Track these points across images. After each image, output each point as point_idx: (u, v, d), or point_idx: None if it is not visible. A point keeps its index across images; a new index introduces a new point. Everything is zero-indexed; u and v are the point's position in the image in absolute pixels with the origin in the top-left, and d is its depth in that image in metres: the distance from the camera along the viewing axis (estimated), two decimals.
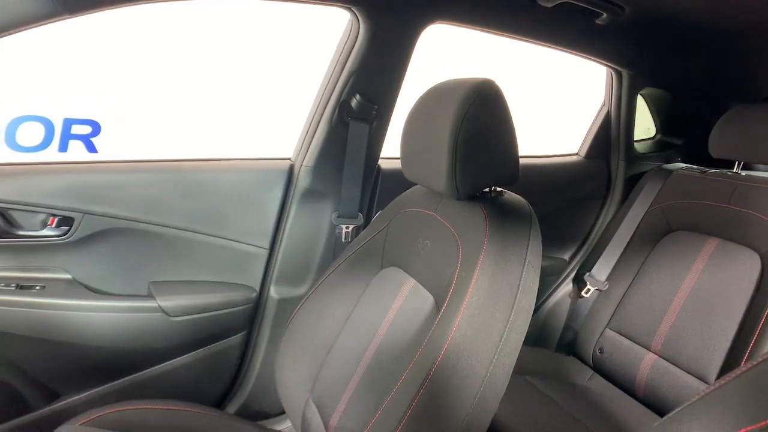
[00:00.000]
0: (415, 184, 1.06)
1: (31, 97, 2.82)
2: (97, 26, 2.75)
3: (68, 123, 2.97)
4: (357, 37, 1.13)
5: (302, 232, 1.28)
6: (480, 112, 0.80)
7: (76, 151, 3.01)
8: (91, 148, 3.04)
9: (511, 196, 0.91)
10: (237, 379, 1.31)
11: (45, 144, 2.90)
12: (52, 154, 2.88)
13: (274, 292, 1.28)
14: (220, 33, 3.17)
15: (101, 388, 1.18)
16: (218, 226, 1.23)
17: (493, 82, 0.84)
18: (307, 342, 1.06)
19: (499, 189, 0.91)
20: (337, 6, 1.08)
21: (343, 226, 1.28)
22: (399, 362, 0.86)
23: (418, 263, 0.94)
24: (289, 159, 1.30)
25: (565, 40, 1.40)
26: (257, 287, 1.28)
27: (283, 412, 1.33)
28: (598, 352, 1.42)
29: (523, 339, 0.78)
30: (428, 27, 1.16)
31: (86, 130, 3.01)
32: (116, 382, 1.19)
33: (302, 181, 1.25)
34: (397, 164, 1.37)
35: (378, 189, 1.35)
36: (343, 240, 1.28)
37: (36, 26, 0.91)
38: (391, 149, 1.34)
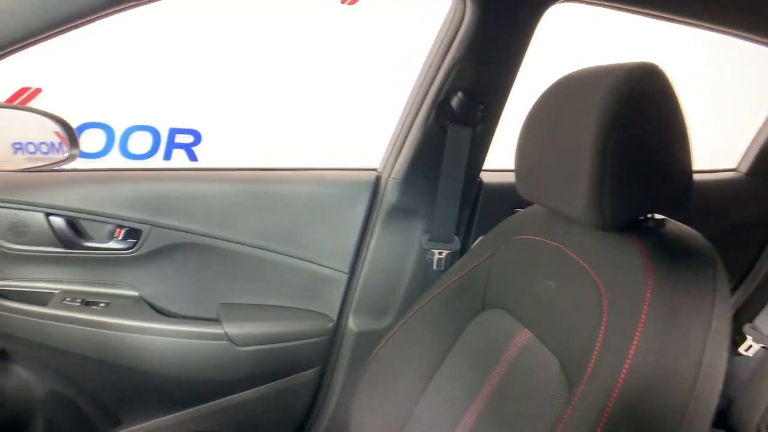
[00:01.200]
0: (529, 204, 0.83)
1: (141, 105, 2.95)
2: (193, 36, 2.80)
3: (173, 132, 3.09)
4: (462, 23, 0.92)
5: (387, 255, 1.09)
6: (639, 109, 0.57)
7: (179, 160, 3.11)
8: (192, 157, 3.13)
9: (678, 227, 0.65)
10: (307, 421, 1.15)
11: (152, 152, 3.04)
12: (157, 161, 3.00)
13: (353, 323, 1.11)
14: (311, 33, 3.11)
15: (163, 419, 1.08)
16: (294, 244, 1.08)
17: (656, 66, 0.59)
18: (389, 388, 0.88)
19: (658, 216, 0.65)
20: None
21: (436, 251, 1.07)
22: None
23: (536, 310, 0.71)
24: (376, 170, 1.12)
25: (741, 19, 1.07)
26: (334, 317, 1.11)
27: None
28: (764, 430, 1.09)
29: None
30: (551, 7, 0.92)
31: (188, 139, 3.11)
32: (178, 413, 1.08)
33: (389, 195, 1.06)
34: (503, 178, 1.15)
35: (479, 208, 1.13)
36: (434, 268, 1.08)
37: (106, 15, 0.82)
38: (496, 159, 1.12)
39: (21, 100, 2.61)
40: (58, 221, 0.96)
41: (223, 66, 2.99)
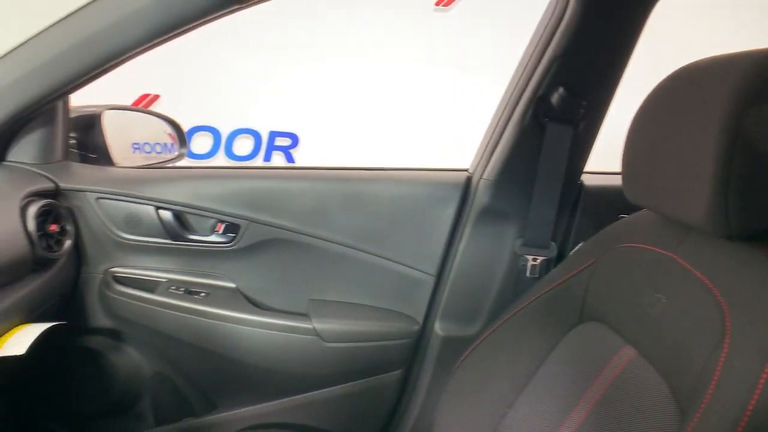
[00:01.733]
0: (639, 209, 0.75)
1: (245, 109, 3.13)
2: (291, 40, 2.90)
3: (273, 135, 3.24)
4: (564, 14, 0.86)
5: (477, 259, 1.05)
6: None
7: (277, 162, 3.25)
8: (290, 159, 3.26)
9: None
10: (391, 423, 1.14)
11: (253, 154, 3.21)
12: (257, 163, 3.15)
13: (439, 328, 1.08)
14: (406, 36, 3.11)
15: (253, 407, 1.12)
16: (382, 244, 1.08)
17: None
18: (476, 397, 0.84)
19: None
20: None
21: (530, 257, 1.02)
22: None
23: (642, 326, 0.64)
24: (467, 170, 1.08)
25: None
26: (420, 320, 1.09)
27: None
28: None
29: None
30: None
31: (287, 142, 3.25)
32: (268, 403, 1.12)
33: (481, 197, 1.03)
34: (608, 180, 1.06)
35: (579, 212, 1.05)
36: (527, 274, 1.02)
37: (211, 20, 0.87)
38: (600, 160, 1.04)
39: (142, 105, 2.87)
40: (166, 215, 1.04)
41: (320, 70, 3.09)
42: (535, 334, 0.81)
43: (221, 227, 1.06)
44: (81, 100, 1.05)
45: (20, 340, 0.84)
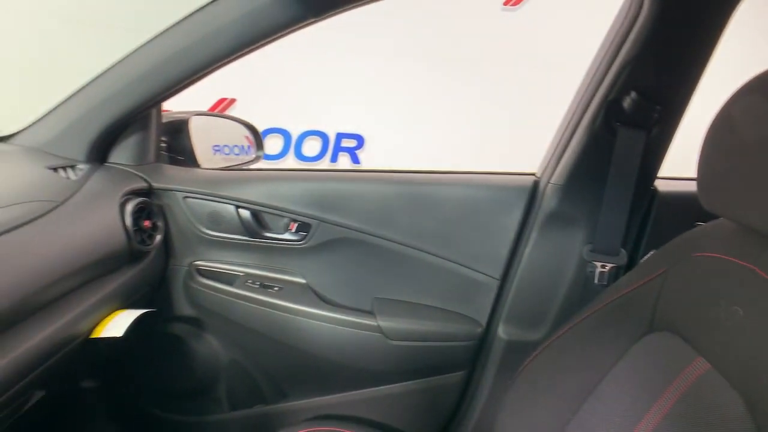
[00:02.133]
0: (715, 217, 0.73)
1: (314, 112, 3.23)
2: (358, 45, 2.95)
3: (339, 137, 3.33)
4: (639, 13, 0.84)
5: (543, 264, 1.05)
6: None
7: (344, 163, 3.34)
8: (355, 160, 3.34)
9: None
10: (452, 423, 1.15)
11: (321, 155, 3.32)
12: (324, 164, 3.25)
13: (502, 332, 1.08)
14: (473, 37, 3.09)
15: (320, 398, 1.18)
16: (447, 246, 1.10)
17: None
18: (539, 402, 0.84)
19: None
20: None
21: (598, 264, 1.00)
22: None
23: (717, 339, 0.62)
24: (534, 174, 1.08)
25: None
26: (483, 322, 1.10)
27: None
28: None
29: None
30: None
31: (352, 143, 3.33)
32: (333, 395, 1.17)
33: (548, 201, 1.02)
34: (683, 187, 1.02)
35: (651, 219, 1.02)
36: (596, 281, 1.00)
37: (287, 33, 0.93)
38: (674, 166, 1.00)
39: (219, 108, 3.04)
40: (245, 213, 1.11)
41: (386, 72, 3.14)
42: (603, 341, 0.80)
43: (294, 226, 1.12)
44: (166, 104, 1.14)
45: (118, 324, 0.94)
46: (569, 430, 0.79)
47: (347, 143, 3.28)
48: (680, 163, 0.99)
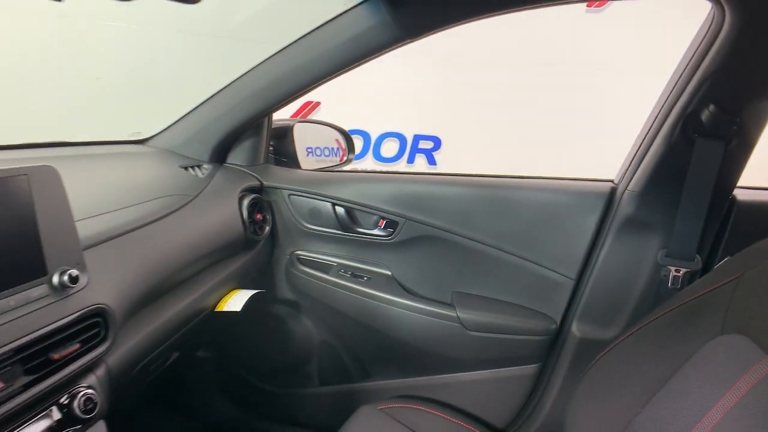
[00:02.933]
0: None
1: (392, 114, 3.36)
2: (437, 48, 3.03)
3: (417, 139, 3.45)
4: (719, 32, 0.88)
5: (618, 266, 1.10)
6: None
7: (420, 164, 3.45)
8: (431, 161, 3.44)
9: None
10: (524, 412, 1.22)
11: (398, 156, 3.44)
12: (401, 165, 3.37)
13: (576, 329, 1.15)
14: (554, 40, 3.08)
15: (400, 380, 1.29)
16: (524, 247, 1.17)
17: None
18: (609, 396, 0.90)
19: None
20: None
21: (672, 268, 1.04)
22: None
23: None
24: (612, 181, 1.13)
25: None
26: (558, 320, 1.17)
27: None
28: None
29: None
30: None
31: (429, 145, 3.43)
32: (413, 378, 1.28)
33: (625, 207, 1.07)
34: (763, 197, 1.04)
35: (729, 227, 1.04)
36: (669, 285, 1.04)
37: (386, 52, 1.05)
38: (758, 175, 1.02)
39: (305, 111, 3.25)
40: (340, 210, 1.25)
41: (464, 76, 3.21)
42: (673, 341, 0.84)
43: (383, 223, 1.25)
44: None
45: (236, 301, 1.10)
46: (637, 422, 0.84)
47: (424, 145, 3.39)
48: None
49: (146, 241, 0.88)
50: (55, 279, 0.66)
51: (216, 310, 1.09)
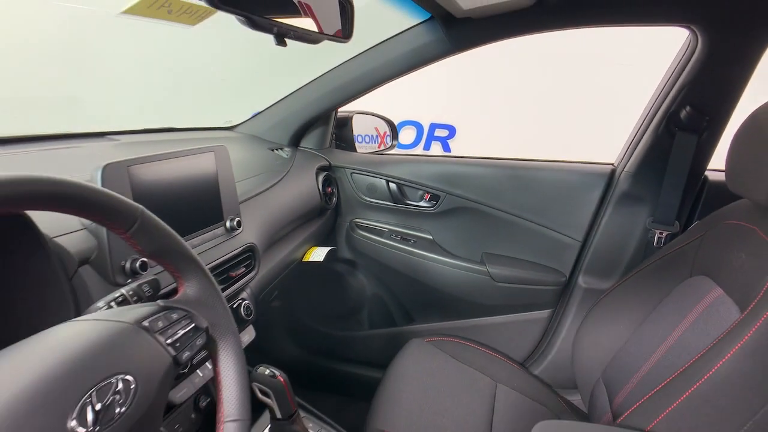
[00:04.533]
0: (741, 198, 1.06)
1: (410, 103, 3.62)
2: None
3: (433, 127, 3.73)
4: (694, 52, 1.18)
5: (615, 231, 1.40)
6: None
7: (435, 150, 3.72)
8: (446, 149, 3.73)
9: None
10: (539, 347, 1.54)
11: (415, 143, 3.73)
12: (417, 150, 3.64)
13: (582, 281, 1.46)
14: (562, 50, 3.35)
15: (437, 324, 1.60)
16: (540, 215, 1.48)
17: None
18: (604, 330, 1.20)
19: None
20: (677, 25, 1.16)
21: (657, 231, 1.34)
22: (687, 360, 0.93)
23: (729, 275, 0.96)
24: (612, 164, 1.44)
25: None
26: (567, 273, 1.47)
27: (574, 387, 1.49)
28: None
29: None
30: None
31: (444, 133, 3.71)
32: (449, 322, 1.59)
33: (622, 185, 1.38)
34: None
35: (702, 200, 1.35)
36: (654, 244, 1.35)
37: (436, 62, 1.35)
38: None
39: None
40: (393, 186, 1.55)
41: (478, 67, 3.46)
42: (655, 284, 1.14)
43: (428, 197, 1.55)
44: None
45: (318, 254, 1.41)
46: (626, 346, 1.14)
47: (440, 133, 3.67)
48: None
49: (264, 203, 1.18)
50: (228, 224, 0.97)
51: (303, 260, 1.40)
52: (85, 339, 0.46)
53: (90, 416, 0.41)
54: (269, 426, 0.88)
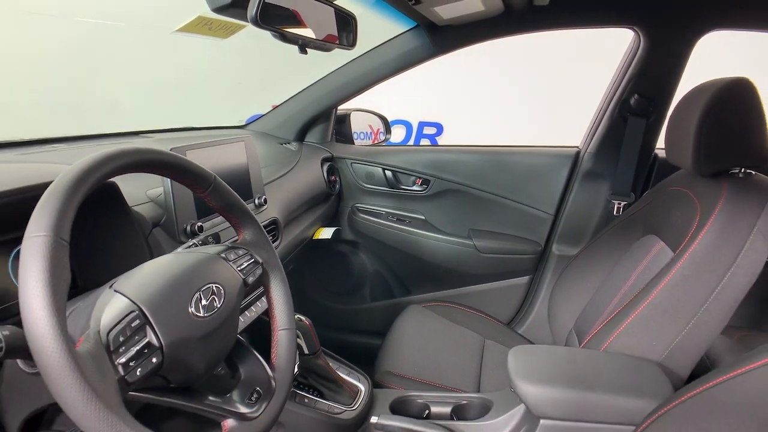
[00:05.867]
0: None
1: (400, 102, 3.83)
2: None
3: (421, 125, 3.95)
4: (638, 49, 1.41)
5: (581, 204, 1.63)
6: (728, 103, 0.99)
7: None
8: (434, 144, 3.93)
9: (759, 177, 1.05)
10: (522, 309, 1.75)
11: (405, 140, 3.93)
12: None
13: (555, 248, 1.68)
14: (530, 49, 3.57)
15: (432, 293, 1.82)
16: (517, 194, 1.69)
17: (746, 79, 1.01)
18: (575, 288, 1.40)
19: (748, 171, 1.05)
20: (622, 27, 1.40)
21: (616, 202, 1.57)
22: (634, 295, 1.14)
23: (669, 230, 1.16)
24: (577, 147, 1.66)
25: None
26: (542, 243, 1.70)
27: (553, 343, 1.71)
28: None
29: (742, 298, 0.93)
30: (706, 35, 1.34)
31: (433, 131, 3.93)
32: (441, 291, 1.81)
33: (585, 164, 1.60)
34: None
35: (654, 174, 1.57)
36: (614, 213, 1.57)
37: (422, 63, 1.56)
38: None
39: None
40: (388, 173, 1.76)
41: (461, 68, 3.68)
42: (614, 245, 1.34)
43: (419, 181, 1.76)
44: None
45: (326, 233, 1.62)
46: (593, 298, 1.34)
47: (428, 131, 3.90)
48: None
49: (281, 187, 1.39)
50: (256, 200, 1.17)
51: (314, 238, 1.60)
52: (190, 259, 0.66)
53: (201, 306, 0.62)
54: (298, 361, 1.08)
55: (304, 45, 0.90)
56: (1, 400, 0.61)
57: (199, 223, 0.94)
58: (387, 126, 2.00)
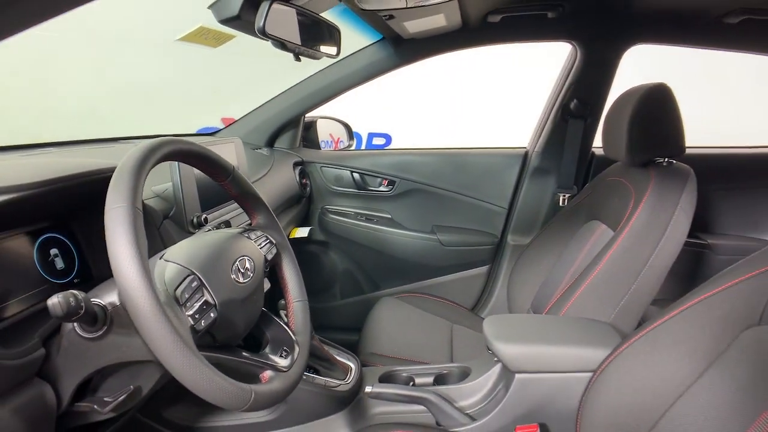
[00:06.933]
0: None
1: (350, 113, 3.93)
2: None
3: (371, 136, 4.10)
4: (575, 60, 1.62)
5: (531, 198, 1.82)
6: (651, 104, 1.19)
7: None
8: None
9: (678, 164, 1.25)
10: (483, 295, 1.91)
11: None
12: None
13: (510, 239, 1.85)
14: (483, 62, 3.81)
15: (400, 287, 1.94)
16: (474, 191, 1.86)
17: (664, 84, 1.22)
18: (529, 273, 1.57)
19: (670, 160, 1.25)
20: (561, 41, 1.61)
21: (561, 195, 1.77)
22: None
23: (609, 214, 1.33)
24: (525, 147, 1.86)
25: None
26: (498, 234, 1.87)
27: None
28: None
29: (671, 264, 1.13)
30: (631, 48, 1.58)
31: (382, 141, 4.09)
32: (409, 284, 1.93)
33: (533, 162, 1.79)
34: None
35: (592, 169, 1.79)
36: (560, 204, 1.77)
37: (387, 73, 1.71)
38: None
39: None
40: (356, 175, 1.88)
41: (406, 81, 3.86)
42: (561, 233, 1.52)
43: (385, 182, 1.89)
44: None
45: (301, 232, 1.72)
46: (546, 280, 1.51)
47: (378, 141, 4.06)
48: None
49: (260, 188, 1.48)
50: None
51: (290, 237, 1.69)
52: (223, 235, 0.76)
53: (240, 273, 0.72)
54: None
55: (298, 53, 1.01)
56: (56, 366, 0.68)
57: (205, 215, 1.03)
58: (350, 132, 2.12)
